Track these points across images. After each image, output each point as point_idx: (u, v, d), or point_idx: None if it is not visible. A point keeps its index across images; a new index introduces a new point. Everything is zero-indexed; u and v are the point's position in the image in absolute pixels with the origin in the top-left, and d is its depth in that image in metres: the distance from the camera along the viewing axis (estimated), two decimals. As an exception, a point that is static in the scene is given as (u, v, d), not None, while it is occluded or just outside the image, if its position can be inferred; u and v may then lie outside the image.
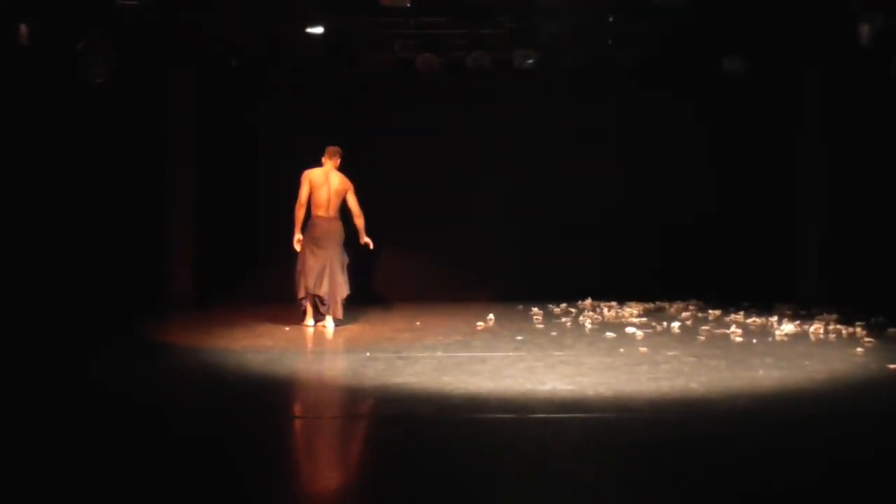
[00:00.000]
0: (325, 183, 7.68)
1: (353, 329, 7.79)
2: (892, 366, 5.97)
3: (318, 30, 8.15)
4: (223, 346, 6.87)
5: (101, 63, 7.61)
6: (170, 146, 9.30)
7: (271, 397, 5.41)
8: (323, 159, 7.79)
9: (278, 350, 6.73)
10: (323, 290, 7.65)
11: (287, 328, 7.78)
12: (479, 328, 7.74)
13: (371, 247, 7.90)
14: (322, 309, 7.73)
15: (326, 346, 7.11)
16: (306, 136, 9.41)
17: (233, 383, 5.66)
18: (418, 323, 8.07)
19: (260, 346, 6.88)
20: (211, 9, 7.74)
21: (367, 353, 6.59)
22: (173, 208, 9.31)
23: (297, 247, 7.70)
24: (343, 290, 7.75)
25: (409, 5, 7.42)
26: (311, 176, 7.68)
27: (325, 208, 7.67)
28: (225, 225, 9.48)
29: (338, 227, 7.74)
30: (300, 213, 7.66)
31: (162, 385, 5.75)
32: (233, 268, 9.38)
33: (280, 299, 8.73)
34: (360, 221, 7.81)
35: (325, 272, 7.62)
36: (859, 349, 6.59)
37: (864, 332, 7.16)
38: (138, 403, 5.16)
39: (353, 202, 7.77)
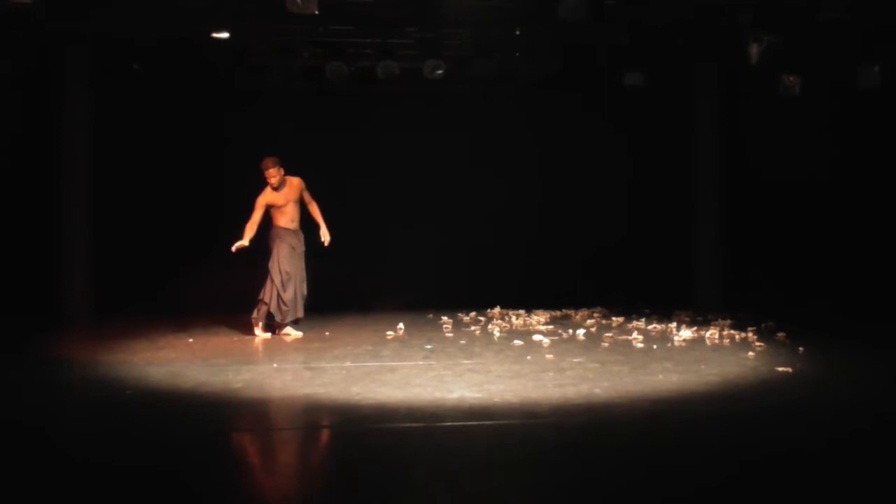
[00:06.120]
0: None
1: (260, 340, 7.65)
2: (780, 369, 6.29)
3: (224, 35, 8.01)
4: (122, 359, 6.62)
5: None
6: (66, 152, 8.89)
7: (173, 412, 5.25)
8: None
9: (181, 362, 6.54)
10: None
11: (191, 339, 7.57)
12: (388, 337, 7.73)
13: (233, 249, 7.54)
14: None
15: (232, 358, 6.94)
16: (209, 141, 9.21)
17: (132, 398, 5.47)
18: (327, 333, 8.00)
19: (162, 359, 6.67)
20: (112, 9, 7.49)
21: (275, 364, 6.49)
22: (69, 215, 8.89)
23: None
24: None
25: (317, 13, 7.37)
26: None
27: None
28: (124, 232, 9.16)
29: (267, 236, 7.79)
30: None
31: (55, 402, 5.49)
32: (133, 277, 9.06)
33: (184, 310, 8.49)
34: None
35: None
36: (751, 353, 6.91)
37: (756, 337, 7.51)
38: (28, 425, 4.92)
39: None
